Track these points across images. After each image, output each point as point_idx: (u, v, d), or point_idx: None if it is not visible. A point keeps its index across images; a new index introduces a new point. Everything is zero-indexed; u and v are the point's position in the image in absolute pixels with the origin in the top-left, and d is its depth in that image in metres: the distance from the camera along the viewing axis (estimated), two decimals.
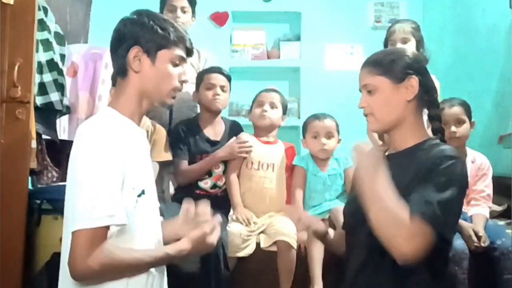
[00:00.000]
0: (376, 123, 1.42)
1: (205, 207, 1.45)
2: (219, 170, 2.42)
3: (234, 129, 2.50)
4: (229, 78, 2.47)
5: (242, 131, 2.51)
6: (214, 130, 2.46)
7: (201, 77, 2.46)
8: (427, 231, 1.19)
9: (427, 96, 1.41)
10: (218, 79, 2.42)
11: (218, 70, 2.46)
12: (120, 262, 1.20)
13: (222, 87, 2.42)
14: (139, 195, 1.27)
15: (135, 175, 1.27)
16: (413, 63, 1.41)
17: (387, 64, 1.40)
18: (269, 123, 2.40)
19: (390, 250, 1.21)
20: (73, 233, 1.17)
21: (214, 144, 2.43)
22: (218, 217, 1.41)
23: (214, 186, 2.41)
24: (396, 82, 1.38)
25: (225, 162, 2.43)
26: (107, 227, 1.18)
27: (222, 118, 2.53)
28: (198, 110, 2.58)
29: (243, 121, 3.58)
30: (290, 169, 2.47)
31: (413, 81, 1.38)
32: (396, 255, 1.20)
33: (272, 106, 2.41)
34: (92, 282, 1.21)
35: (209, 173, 2.40)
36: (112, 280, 1.22)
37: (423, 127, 1.43)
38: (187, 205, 1.48)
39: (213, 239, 1.35)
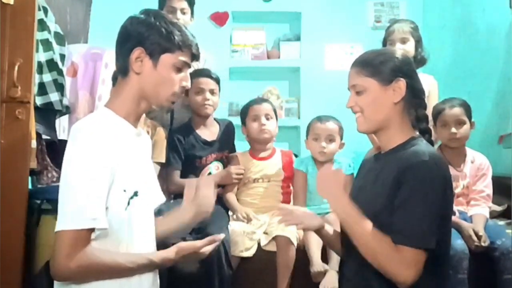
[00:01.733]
0: (365, 123, 1.44)
1: (207, 187, 1.51)
2: (218, 171, 2.43)
3: (228, 129, 2.52)
4: (218, 81, 2.46)
5: (234, 130, 2.55)
6: (210, 131, 2.47)
7: (191, 81, 2.44)
8: (418, 255, 1.26)
9: (414, 98, 1.43)
10: (207, 84, 2.40)
11: (207, 74, 2.44)
12: (101, 266, 1.20)
13: (211, 91, 2.41)
14: (131, 197, 1.27)
15: (126, 177, 1.26)
16: (402, 65, 1.42)
17: (376, 66, 1.41)
18: (270, 136, 2.42)
19: (389, 278, 1.28)
20: (56, 233, 1.18)
21: (211, 144, 2.44)
22: (221, 235, 1.43)
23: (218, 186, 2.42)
24: (384, 84, 1.40)
25: (222, 162, 2.45)
26: (90, 230, 1.19)
27: (214, 119, 2.53)
28: None
29: None
30: (288, 178, 2.46)
31: (401, 84, 1.39)
32: (396, 283, 1.28)
33: (268, 117, 2.40)
34: (73, 282, 1.21)
35: (209, 174, 2.41)
36: (92, 281, 1.22)
37: (408, 128, 1.44)
38: (189, 186, 1.54)
39: (204, 251, 1.37)
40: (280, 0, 3.93)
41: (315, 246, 2.12)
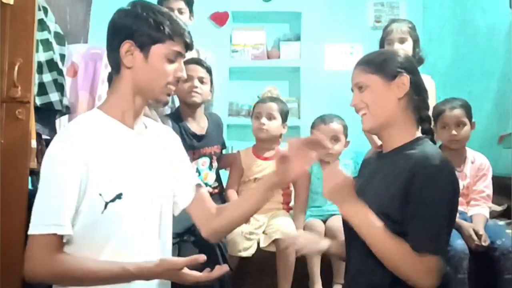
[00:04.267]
0: (370, 120, 1.42)
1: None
2: (205, 167, 2.38)
3: (216, 122, 2.46)
4: (209, 70, 2.36)
5: (222, 124, 2.51)
6: (198, 125, 2.36)
7: None
8: (439, 263, 1.26)
9: (417, 96, 1.42)
10: (196, 71, 2.29)
11: (196, 61, 2.35)
12: (70, 272, 1.18)
13: (200, 79, 2.30)
14: (111, 200, 1.22)
15: (105, 180, 1.22)
16: (404, 62, 1.43)
17: (379, 63, 1.42)
18: (267, 136, 2.38)
19: (411, 284, 1.27)
20: (28, 236, 1.18)
21: (200, 139, 2.35)
22: (222, 269, 1.28)
23: (205, 185, 2.38)
24: (387, 80, 1.40)
25: (210, 158, 2.39)
26: (59, 235, 1.17)
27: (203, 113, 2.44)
28: None
29: (243, 121, 3.60)
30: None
31: (404, 79, 1.39)
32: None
33: (270, 117, 2.37)
34: (44, 283, 1.21)
35: (197, 171, 2.36)
36: (65, 286, 1.21)
37: (412, 127, 1.43)
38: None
39: (189, 278, 1.24)
40: (280, 0, 3.93)
41: (315, 262, 2.13)
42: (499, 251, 2.07)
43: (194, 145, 2.32)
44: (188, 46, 1.33)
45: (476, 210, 2.27)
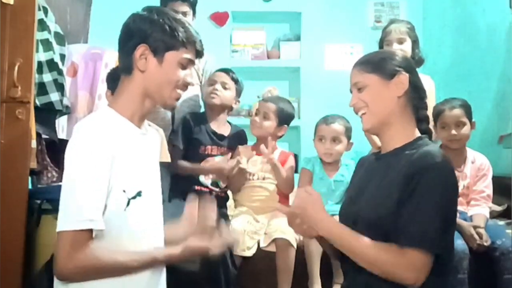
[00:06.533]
0: (371, 119, 1.42)
1: (211, 211, 1.42)
2: None
3: (239, 134, 2.53)
4: (234, 79, 2.48)
5: (246, 140, 2.55)
6: (220, 127, 2.49)
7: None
8: (427, 259, 1.25)
9: (415, 95, 1.43)
10: (220, 76, 2.46)
11: (224, 70, 2.51)
12: (102, 265, 1.20)
13: (223, 84, 2.44)
14: (133, 197, 1.26)
15: (127, 177, 1.25)
16: (402, 61, 1.43)
17: (376, 62, 1.42)
18: (259, 134, 2.43)
19: (398, 282, 1.26)
20: (57, 233, 1.18)
21: (219, 138, 2.46)
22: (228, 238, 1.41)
23: (216, 184, 2.41)
24: (386, 79, 1.40)
25: None
26: (90, 230, 1.18)
27: (229, 122, 2.55)
28: (201, 109, 2.63)
29: (243, 121, 3.60)
30: None
31: (403, 77, 1.40)
32: (405, 286, 1.26)
33: (265, 116, 2.41)
34: (75, 281, 1.21)
35: None
36: (95, 279, 1.21)
37: (412, 127, 1.43)
38: (191, 208, 1.46)
39: (214, 251, 1.34)
40: (280, 0, 3.93)
41: (315, 261, 2.12)
42: (499, 251, 2.07)
43: (211, 141, 2.44)
44: (199, 54, 1.38)
45: (476, 210, 2.27)
